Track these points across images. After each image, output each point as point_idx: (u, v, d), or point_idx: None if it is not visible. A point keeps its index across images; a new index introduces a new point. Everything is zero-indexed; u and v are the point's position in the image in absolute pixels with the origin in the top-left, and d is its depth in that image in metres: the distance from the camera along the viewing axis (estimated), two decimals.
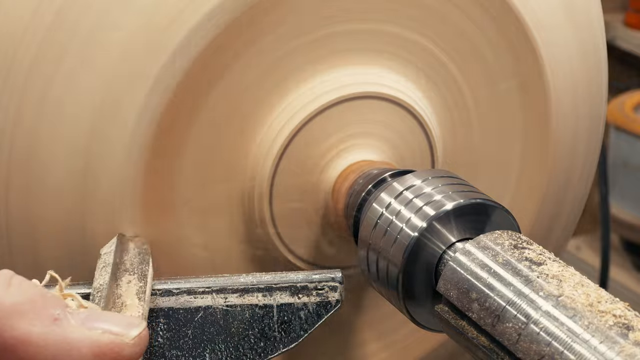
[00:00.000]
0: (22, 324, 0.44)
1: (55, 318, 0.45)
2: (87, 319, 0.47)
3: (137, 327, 0.47)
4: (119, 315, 0.49)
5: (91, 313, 0.47)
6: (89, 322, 0.46)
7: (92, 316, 0.47)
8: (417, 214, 0.60)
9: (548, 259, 0.56)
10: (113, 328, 0.47)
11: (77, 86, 0.59)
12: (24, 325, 0.44)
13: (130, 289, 0.55)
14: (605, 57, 0.78)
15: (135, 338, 0.47)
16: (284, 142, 0.66)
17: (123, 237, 0.62)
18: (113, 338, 0.46)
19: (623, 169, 2.27)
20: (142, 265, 0.58)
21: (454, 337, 0.58)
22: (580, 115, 0.76)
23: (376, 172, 0.67)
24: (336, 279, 0.57)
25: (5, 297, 0.45)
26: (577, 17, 0.74)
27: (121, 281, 0.56)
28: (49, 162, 0.60)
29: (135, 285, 0.55)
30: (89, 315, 0.47)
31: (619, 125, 2.24)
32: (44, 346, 0.45)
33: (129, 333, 0.47)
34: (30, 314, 0.45)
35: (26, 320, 0.45)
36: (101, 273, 0.57)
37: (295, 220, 0.68)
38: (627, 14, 2.54)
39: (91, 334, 0.46)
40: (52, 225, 0.61)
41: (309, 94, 0.66)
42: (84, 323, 0.46)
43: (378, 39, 0.68)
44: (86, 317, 0.47)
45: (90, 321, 0.46)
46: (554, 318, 0.51)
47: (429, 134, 0.70)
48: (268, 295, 0.56)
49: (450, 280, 0.57)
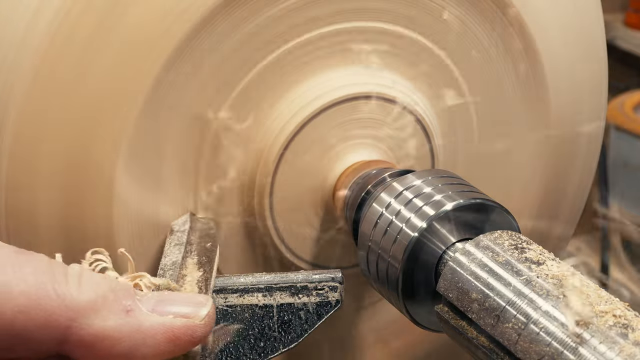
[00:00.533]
0: (97, 321, 0.45)
1: (127, 310, 0.46)
2: (157, 304, 0.48)
3: (206, 306, 0.48)
4: (187, 295, 0.50)
5: (161, 297, 0.48)
6: (160, 307, 0.47)
7: (162, 301, 0.48)
8: (417, 214, 0.60)
9: (548, 259, 0.56)
10: (183, 309, 0.48)
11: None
12: (98, 321, 0.45)
13: (194, 269, 0.56)
14: (605, 57, 0.78)
15: (205, 318, 0.48)
16: (283, 142, 0.66)
17: (193, 216, 0.63)
18: (185, 321, 0.47)
19: (623, 169, 2.27)
20: (207, 245, 0.60)
21: (454, 337, 0.58)
22: (580, 115, 0.76)
23: (376, 172, 0.67)
24: (336, 279, 0.57)
25: (79, 296, 0.45)
26: (577, 17, 0.74)
27: (187, 261, 0.57)
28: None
29: (198, 265, 0.57)
30: (159, 300, 0.48)
31: (619, 125, 2.24)
32: (119, 338, 0.46)
33: (199, 313, 0.48)
34: (104, 310, 0.46)
35: (100, 316, 0.46)
36: (173, 250, 0.59)
37: (296, 220, 0.68)
38: (627, 14, 2.54)
39: (163, 320, 0.47)
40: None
41: (308, 95, 0.66)
42: (155, 309, 0.47)
43: (379, 38, 0.68)
44: (157, 303, 0.48)
45: (161, 306, 0.47)
46: (554, 318, 0.51)
47: (429, 134, 0.70)
48: (268, 295, 0.56)
49: (450, 280, 0.57)
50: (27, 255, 0.46)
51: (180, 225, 0.63)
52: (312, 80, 0.66)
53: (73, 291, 0.45)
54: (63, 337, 0.45)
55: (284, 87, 0.66)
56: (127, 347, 0.46)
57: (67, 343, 0.45)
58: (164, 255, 0.59)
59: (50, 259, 0.47)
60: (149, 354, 0.46)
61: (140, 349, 0.46)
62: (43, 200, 0.61)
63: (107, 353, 0.46)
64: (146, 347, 0.46)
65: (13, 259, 0.45)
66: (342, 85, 0.67)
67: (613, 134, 2.27)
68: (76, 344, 0.45)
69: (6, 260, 0.45)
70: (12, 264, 0.45)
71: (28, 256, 0.46)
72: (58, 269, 0.46)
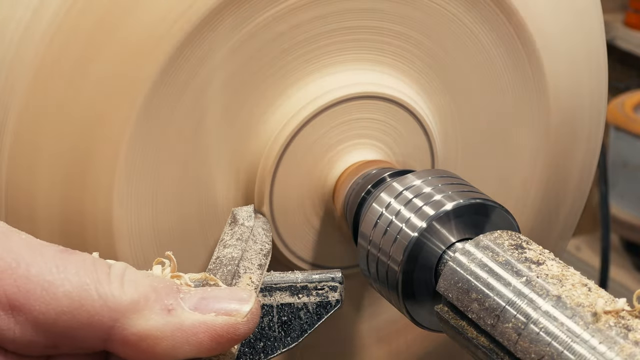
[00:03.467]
0: (140, 320, 0.46)
1: (169, 309, 0.47)
2: (200, 301, 0.48)
3: (248, 302, 0.48)
4: (230, 291, 0.50)
5: (204, 293, 0.48)
6: (202, 304, 0.48)
7: (205, 298, 0.48)
8: (416, 214, 0.60)
9: (548, 259, 0.56)
10: (226, 306, 0.48)
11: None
12: (141, 321, 0.46)
13: (253, 268, 0.57)
14: (605, 57, 0.78)
15: (248, 315, 0.48)
16: (283, 142, 0.66)
17: (257, 211, 0.64)
18: (227, 319, 0.47)
19: (623, 169, 2.27)
20: (266, 247, 0.61)
21: (454, 337, 0.58)
22: (580, 115, 0.76)
23: (376, 172, 0.67)
24: (336, 279, 0.57)
25: (122, 296, 0.46)
26: (577, 17, 0.74)
27: (245, 259, 0.58)
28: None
29: (254, 260, 0.58)
30: (201, 298, 0.48)
31: (619, 125, 2.24)
32: (162, 338, 0.46)
33: (241, 310, 0.48)
34: (146, 309, 0.46)
35: (142, 316, 0.46)
36: (235, 243, 0.59)
37: (296, 220, 0.68)
38: (627, 14, 2.54)
39: (205, 318, 0.47)
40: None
41: (308, 95, 0.66)
42: (197, 307, 0.47)
43: (378, 38, 0.68)
44: (199, 300, 0.48)
45: (203, 303, 0.48)
46: (553, 318, 0.51)
47: (429, 134, 0.70)
48: (268, 295, 0.56)
49: (450, 280, 0.57)
50: (72, 254, 0.47)
51: (245, 219, 0.63)
52: (312, 79, 0.66)
53: (115, 292, 0.46)
54: (107, 336, 0.46)
55: (284, 86, 0.66)
56: (169, 346, 0.46)
57: (110, 341, 0.46)
58: (223, 244, 0.60)
59: (95, 258, 0.47)
60: (192, 352, 0.47)
61: (182, 347, 0.46)
62: (42, 200, 0.61)
63: (150, 352, 0.46)
64: (189, 346, 0.47)
65: (58, 259, 0.46)
66: (342, 85, 0.67)
67: (613, 134, 2.28)
68: (119, 343, 0.46)
69: (51, 260, 0.46)
70: (56, 264, 0.46)
71: (72, 256, 0.47)
72: (101, 268, 0.47)
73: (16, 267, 0.45)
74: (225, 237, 0.61)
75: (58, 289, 0.45)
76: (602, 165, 1.69)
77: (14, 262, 0.45)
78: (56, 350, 0.47)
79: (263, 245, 0.61)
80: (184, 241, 0.65)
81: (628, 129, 2.22)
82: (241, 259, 0.58)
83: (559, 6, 0.73)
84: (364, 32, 0.67)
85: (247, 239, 0.60)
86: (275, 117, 0.66)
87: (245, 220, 0.63)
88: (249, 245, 0.60)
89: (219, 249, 0.59)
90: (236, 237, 0.61)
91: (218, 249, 0.59)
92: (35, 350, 0.46)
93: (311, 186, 0.68)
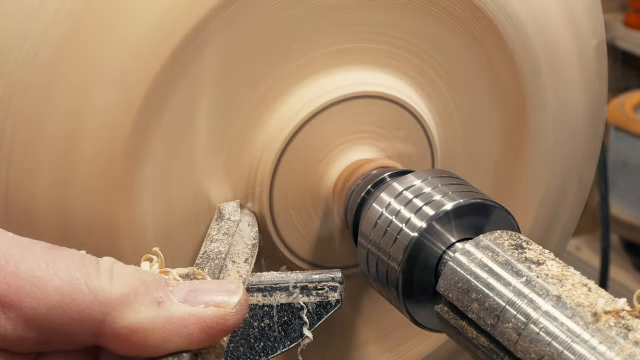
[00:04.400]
0: (130, 314, 0.46)
1: (159, 301, 0.47)
2: (189, 294, 0.48)
3: (237, 294, 0.48)
4: (218, 283, 0.50)
5: (192, 286, 0.49)
6: (191, 297, 0.48)
7: (193, 290, 0.48)
8: (416, 214, 0.60)
9: (548, 259, 0.56)
10: (215, 298, 0.48)
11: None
12: (132, 314, 0.46)
13: (239, 263, 0.58)
14: (605, 57, 0.78)
15: (237, 306, 0.48)
16: (283, 142, 0.66)
17: (242, 206, 0.65)
18: (216, 311, 0.47)
19: (623, 169, 2.27)
20: (252, 242, 0.62)
21: (454, 337, 0.58)
22: (580, 115, 0.76)
23: (376, 172, 0.67)
24: (336, 279, 0.57)
25: (112, 290, 0.46)
26: (577, 18, 0.74)
27: (231, 253, 0.59)
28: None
29: (241, 254, 0.59)
30: (190, 290, 0.48)
31: (619, 125, 2.24)
32: (152, 330, 0.46)
33: (230, 301, 0.48)
34: (136, 303, 0.46)
35: (133, 309, 0.46)
36: (221, 237, 0.60)
37: (296, 220, 0.68)
38: (627, 14, 2.54)
39: (195, 310, 0.47)
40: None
41: (308, 94, 0.66)
42: (186, 300, 0.48)
43: (377, 38, 0.68)
44: (188, 293, 0.48)
45: (192, 296, 0.48)
46: (553, 318, 0.51)
47: (429, 134, 0.70)
48: (268, 295, 0.56)
49: (450, 280, 0.57)
50: (60, 250, 0.47)
51: (230, 213, 0.63)
52: (312, 79, 0.66)
53: (105, 285, 0.46)
54: (97, 330, 0.46)
55: (284, 86, 0.66)
56: (160, 338, 0.46)
57: (101, 335, 0.46)
58: (209, 239, 0.60)
59: (83, 254, 0.48)
60: (182, 344, 0.47)
61: (173, 339, 0.47)
62: (42, 200, 0.61)
63: (141, 344, 0.46)
64: (179, 337, 0.47)
65: (47, 255, 0.46)
66: (342, 85, 0.67)
67: (613, 134, 2.28)
68: (110, 337, 0.46)
69: (40, 256, 0.46)
70: (45, 260, 0.46)
71: (61, 252, 0.47)
72: (90, 263, 0.47)
73: (5, 264, 0.45)
74: (212, 232, 0.61)
75: (48, 284, 0.45)
76: (602, 165, 1.69)
77: (2, 259, 0.45)
78: (47, 346, 0.47)
79: (249, 239, 0.61)
80: (183, 241, 0.65)
81: (628, 129, 2.22)
82: (228, 253, 0.58)
83: (559, 6, 0.73)
84: (363, 33, 0.67)
85: (234, 233, 0.61)
86: (274, 116, 0.66)
87: (232, 215, 0.63)
88: (235, 239, 0.60)
89: (205, 244, 0.59)
90: (222, 232, 0.61)
91: (205, 243, 0.60)
92: (27, 347, 0.46)
93: (311, 186, 0.68)
